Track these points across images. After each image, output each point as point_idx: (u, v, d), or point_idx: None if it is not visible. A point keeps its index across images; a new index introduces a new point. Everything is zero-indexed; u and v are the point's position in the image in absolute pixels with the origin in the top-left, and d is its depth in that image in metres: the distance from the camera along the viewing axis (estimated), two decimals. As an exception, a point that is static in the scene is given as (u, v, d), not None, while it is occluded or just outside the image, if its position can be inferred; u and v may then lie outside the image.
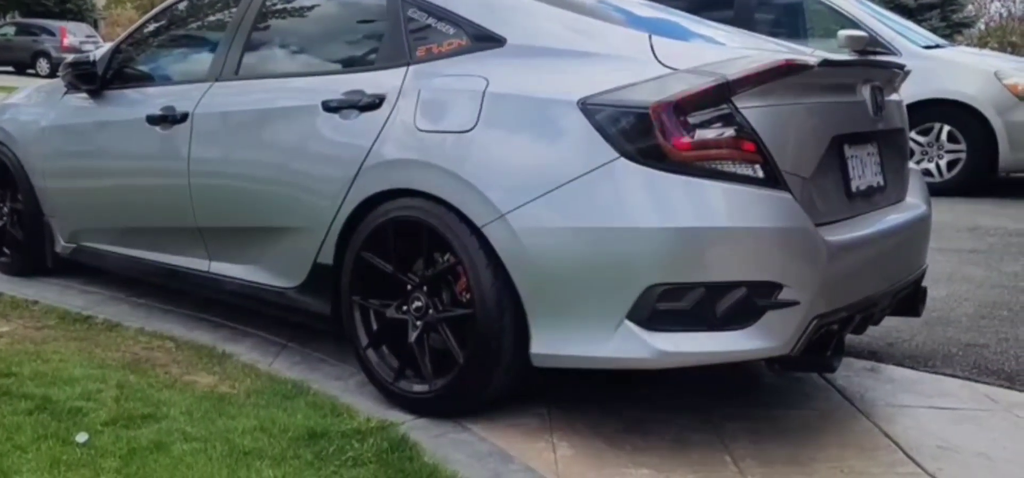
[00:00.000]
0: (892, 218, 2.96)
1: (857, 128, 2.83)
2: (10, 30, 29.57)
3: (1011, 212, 6.91)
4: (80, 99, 4.12)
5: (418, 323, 2.84)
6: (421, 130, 2.80)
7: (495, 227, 2.61)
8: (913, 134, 7.69)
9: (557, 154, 2.55)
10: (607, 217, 2.47)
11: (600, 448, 2.66)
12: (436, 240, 2.76)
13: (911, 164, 3.41)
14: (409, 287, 2.86)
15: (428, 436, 2.71)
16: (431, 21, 3.00)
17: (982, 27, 24.81)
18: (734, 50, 2.73)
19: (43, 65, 26.59)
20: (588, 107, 2.51)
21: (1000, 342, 3.80)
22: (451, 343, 2.76)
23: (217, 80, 3.54)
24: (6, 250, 4.65)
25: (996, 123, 7.41)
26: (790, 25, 9.06)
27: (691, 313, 2.45)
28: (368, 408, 2.91)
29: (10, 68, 27.46)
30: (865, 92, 2.84)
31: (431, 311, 2.81)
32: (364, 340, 2.98)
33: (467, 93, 2.74)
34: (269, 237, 3.31)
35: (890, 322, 3.69)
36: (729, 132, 2.45)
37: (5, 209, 4.61)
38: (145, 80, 3.97)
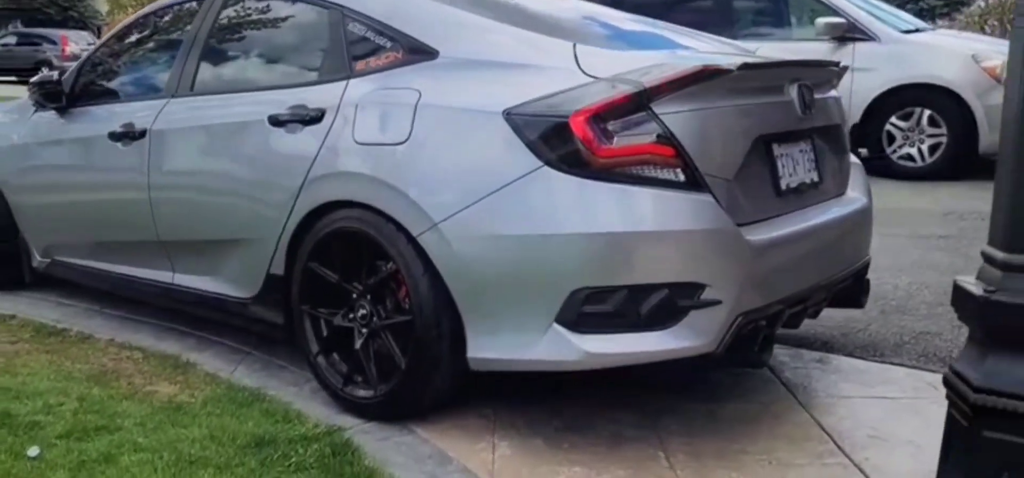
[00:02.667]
0: (826, 214, 3.02)
1: (785, 127, 2.90)
2: (12, 39, 29.81)
3: (987, 195, 6.93)
4: (49, 116, 4.21)
5: (363, 330, 2.93)
6: (359, 143, 2.88)
7: (429, 236, 2.69)
8: (894, 119, 7.75)
9: (484, 164, 2.63)
10: (532, 224, 2.54)
11: (538, 447, 2.74)
12: (377, 250, 2.84)
13: (853, 158, 3.47)
14: (354, 295, 2.95)
15: (373, 440, 2.79)
16: (370, 35, 3.08)
17: (982, 3, 24.66)
18: (659, 57, 2.79)
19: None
20: (512, 117, 2.58)
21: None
22: (393, 349, 2.84)
23: (173, 96, 3.63)
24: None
25: (975, 106, 7.44)
26: (773, 14, 9.11)
27: (616, 315, 2.52)
28: (319, 414, 2.99)
29: (12, 77, 27.67)
30: (792, 92, 2.90)
31: (375, 318, 2.90)
32: (314, 348, 3.07)
33: (401, 106, 2.82)
34: (226, 249, 3.40)
35: (846, 312, 3.77)
36: (648, 138, 2.52)
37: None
38: (110, 96, 4.06)
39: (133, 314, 4.23)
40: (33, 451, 2.63)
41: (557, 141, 2.52)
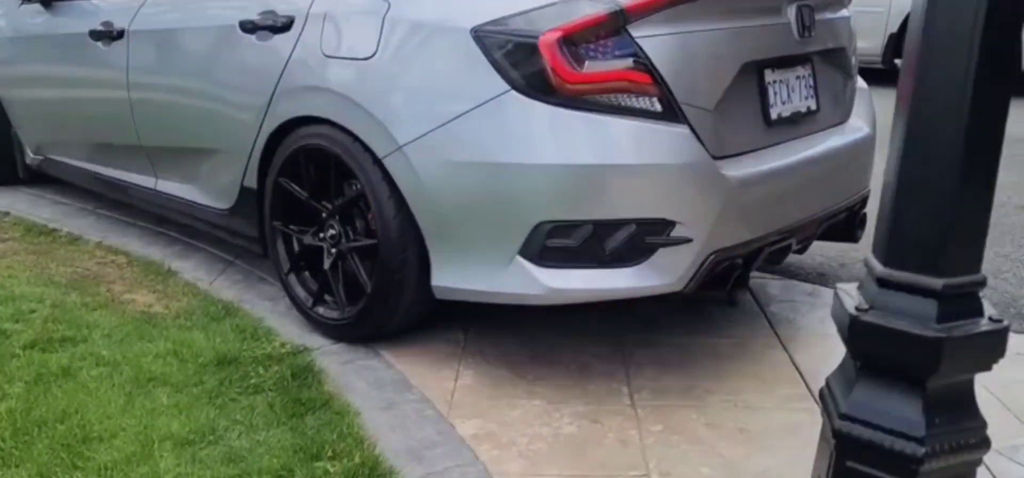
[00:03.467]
0: (820, 145, 2.86)
1: (780, 52, 2.72)
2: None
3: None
4: (35, 8, 4.11)
5: (332, 251, 2.86)
6: (326, 55, 2.76)
7: (394, 159, 2.58)
8: None
9: (451, 85, 2.50)
10: (497, 152, 2.42)
11: (502, 377, 2.68)
12: (344, 169, 2.75)
13: (860, 83, 3.28)
14: (323, 215, 2.87)
15: (338, 362, 2.75)
16: (346, -64, 2.91)
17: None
18: None
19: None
20: (480, 35, 2.44)
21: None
22: (359, 272, 2.78)
23: (147, -5, 3.51)
24: (-15, 160, 4.75)
25: None
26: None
27: (580, 250, 2.42)
28: (290, 332, 2.95)
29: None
30: (790, 13, 2.71)
31: (343, 240, 2.82)
32: (286, 265, 3.01)
33: (369, 17, 2.68)
34: (203, 158, 3.32)
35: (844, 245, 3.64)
36: (623, 64, 2.37)
37: (-22, 122, 4.68)
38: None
39: (124, 216, 4.21)
40: (-7, 362, 2.62)
41: (525, 64, 2.38)
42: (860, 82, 3.27)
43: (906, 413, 1.46)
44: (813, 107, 2.90)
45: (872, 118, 3.19)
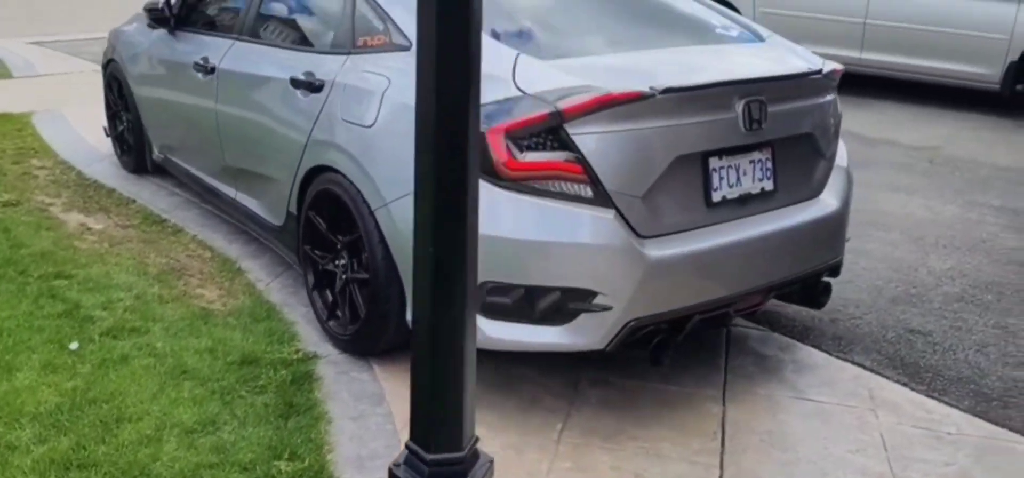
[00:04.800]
0: (771, 223, 3.14)
1: (726, 143, 3.02)
2: None
3: None
4: (162, 32, 4.91)
5: (342, 277, 3.43)
6: (343, 118, 3.31)
7: (382, 212, 3.11)
8: None
9: (423, 159, 2.98)
10: (453, 219, 2.90)
11: (463, 402, 3.17)
12: (349, 213, 3.30)
13: (840, 160, 3.50)
14: (338, 247, 3.44)
15: (335, 372, 3.33)
16: (370, 13, 3.45)
17: None
18: (600, 68, 2.96)
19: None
20: (446, 122, 2.91)
21: (952, 332, 3.85)
22: (358, 299, 3.33)
23: (238, 39, 4.18)
24: (125, 151, 5.68)
25: None
26: None
27: (514, 308, 2.87)
28: (310, 339, 3.56)
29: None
30: (738, 108, 3.00)
31: (349, 270, 3.39)
32: (311, 282, 3.62)
33: (373, 92, 3.21)
34: (264, 181, 3.98)
35: (853, 296, 3.89)
36: (558, 156, 2.78)
37: (125, 118, 5.59)
38: (204, 26, 4.68)
39: (220, 211, 4.97)
40: (74, 345, 3.37)
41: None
42: (840, 159, 3.49)
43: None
44: (769, 188, 3.18)
45: (844, 194, 3.42)
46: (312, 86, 3.52)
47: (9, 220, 4.73)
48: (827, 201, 3.38)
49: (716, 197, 3.04)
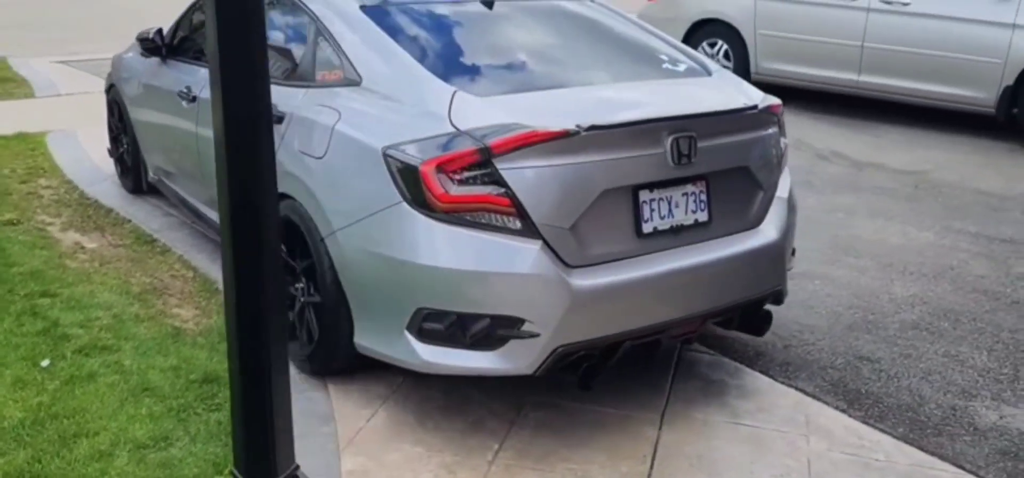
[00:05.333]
0: (706, 253, 3.25)
1: (655, 176, 3.15)
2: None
3: None
4: (155, 60, 5.13)
5: (300, 300, 3.60)
6: (299, 149, 3.48)
7: (331, 240, 3.28)
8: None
9: (367, 190, 3.14)
10: (392, 248, 3.05)
11: (407, 421, 3.31)
12: (304, 239, 3.47)
13: (781, 191, 3.60)
14: (297, 270, 3.61)
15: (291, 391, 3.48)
16: (329, 48, 3.62)
17: None
18: (526, 110, 3.09)
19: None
20: (386, 155, 3.07)
21: (901, 360, 3.93)
22: (312, 321, 3.50)
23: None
24: (124, 172, 5.92)
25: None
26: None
27: (447, 333, 3.02)
28: (273, 357, 3.72)
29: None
30: (667, 143, 3.13)
31: (306, 293, 3.55)
32: (274, 304, 3.79)
33: (324, 126, 3.37)
34: (237, 206, 4.16)
35: (812, 321, 3.98)
36: (487, 190, 2.93)
37: (124, 140, 5.83)
38: (192, 56, 4.89)
39: (206, 232, 5.17)
40: (45, 363, 3.57)
41: (412, 183, 2.99)
42: (781, 190, 3.59)
43: None
44: (703, 219, 3.30)
45: (784, 225, 3.52)
46: (276, 118, 3.69)
47: (7, 239, 4.97)
48: (766, 231, 3.48)
49: (647, 228, 3.16)
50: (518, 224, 2.95)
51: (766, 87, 9.14)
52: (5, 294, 4.22)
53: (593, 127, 2.98)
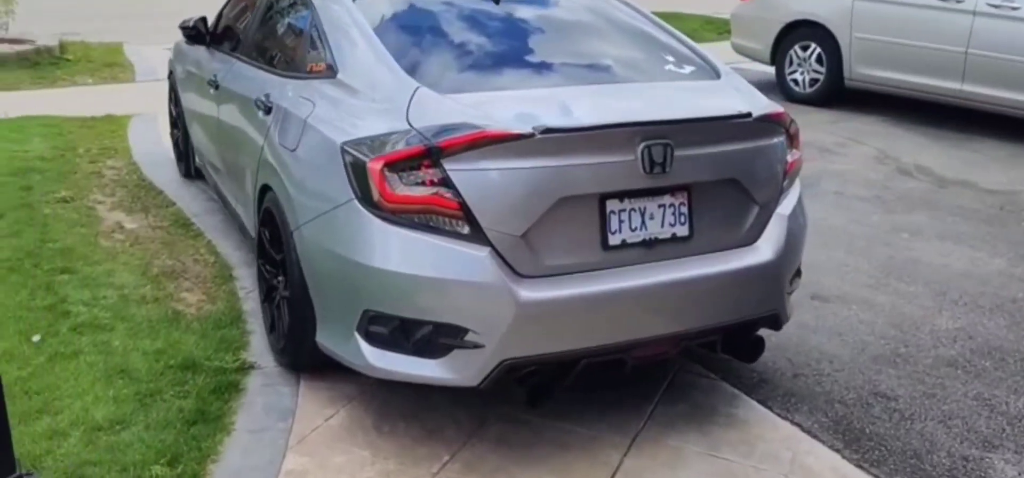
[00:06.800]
0: (678, 271, 3.02)
1: (625, 185, 2.94)
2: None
3: None
4: (201, 49, 5.24)
5: (279, 292, 3.57)
6: (279, 141, 3.45)
7: (297, 234, 3.23)
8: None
9: (326, 186, 3.07)
10: (345, 247, 2.97)
11: (365, 424, 3.23)
12: (281, 232, 3.43)
13: (786, 207, 3.31)
14: (279, 261, 3.59)
15: (262, 384, 3.47)
16: (318, 41, 3.58)
17: None
18: (487, 108, 2.93)
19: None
20: (343, 151, 2.99)
21: (921, 400, 3.57)
22: (285, 313, 3.46)
23: (237, 59, 4.42)
24: (179, 156, 6.10)
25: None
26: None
27: (391, 338, 2.91)
28: (259, 348, 3.72)
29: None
30: (638, 150, 2.91)
31: (283, 287, 3.52)
32: (262, 294, 3.78)
33: (299, 118, 3.33)
34: (244, 195, 4.19)
35: (831, 350, 3.70)
36: (434, 191, 2.80)
37: (180, 125, 6.01)
38: (228, 44, 4.96)
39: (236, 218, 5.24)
40: (36, 338, 3.67)
41: (362, 180, 2.89)
42: (784, 208, 3.30)
43: None
44: (683, 233, 3.06)
45: (782, 245, 3.23)
46: (267, 108, 3.68)
47: (54, 216, 5.19)
48: (760, 250, 3.20)
49: (614, 240, 2.96)
50: (466, 229, 2.81)
51: (860, 94, 8.81)
52: (31, 268, 4.39)
53: (548, 130, 2.81)
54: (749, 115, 3.14)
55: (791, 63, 8.99)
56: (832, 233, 5.38)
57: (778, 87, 8.98)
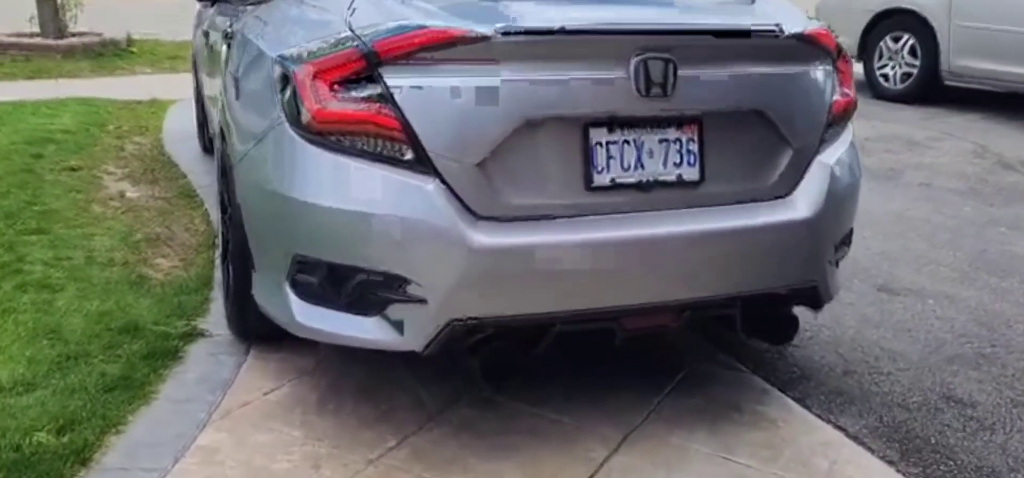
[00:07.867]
0: (683, 222, 2.40)
1: (615, 111, 2.35)
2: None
3: None
4: (207, 11, 4.86)
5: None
6: (229, 70, 2.99)
7: (235, 171, 2.75)
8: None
9: (259, 110, 2.58)
10: (271, 179, 2.46)
11: (305, 400, 2.70)
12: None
13: (834, 154, 2.66)
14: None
15: (206, 352, 3.00)
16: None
17: None
18: (445, 11, 2.37)
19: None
20: (273, 64, 2.49)
21: (1001, 406, 2.84)
22: (229, 270, 2.97)
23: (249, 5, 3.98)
24: (199, 129, 5.78)
25: None
26: None
27: (320, 290, 2.39)
28: (217, 317, 3.25)
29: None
30: (631, 66, 2.32)
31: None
32: (219, 252, 3.32)
33: (247, 38, 2.85)
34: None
35: (897, 345, 3.03)
36: (369, 106, 2.26)
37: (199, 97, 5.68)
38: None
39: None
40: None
41: (290, 96, 2.38)
42: (827, 156, 2.64)
43: None
44: (692, 177, 2.45)
45: (822, 201, 2.57)
46: (229, 36, 3.23)
47: (54, 182, 4.90)
48: (795, 204, 2.55)
49: (600, 179, 2.36)
50: (408, 154, 2.26)
51: (960, 90, 7.87)
52: (3, 228, 4.06)
53: (512, 32, 2.24)
54: (776, 30, 2.50)
55: (880, 56, 8.14)
56: (912, 223, 4.62)
57: (866, 82, 8.14)
